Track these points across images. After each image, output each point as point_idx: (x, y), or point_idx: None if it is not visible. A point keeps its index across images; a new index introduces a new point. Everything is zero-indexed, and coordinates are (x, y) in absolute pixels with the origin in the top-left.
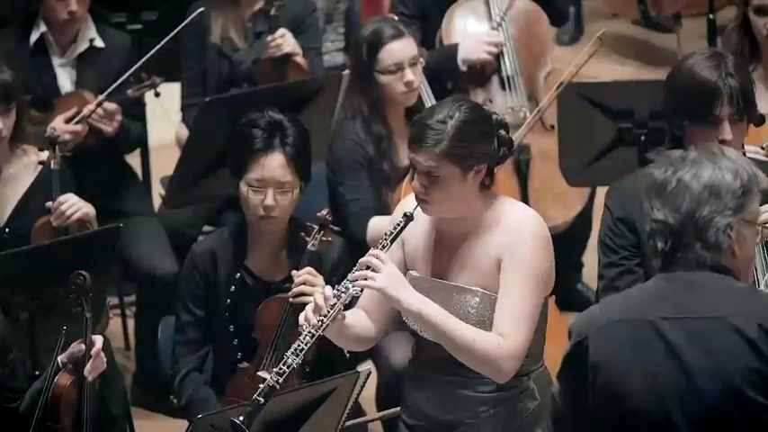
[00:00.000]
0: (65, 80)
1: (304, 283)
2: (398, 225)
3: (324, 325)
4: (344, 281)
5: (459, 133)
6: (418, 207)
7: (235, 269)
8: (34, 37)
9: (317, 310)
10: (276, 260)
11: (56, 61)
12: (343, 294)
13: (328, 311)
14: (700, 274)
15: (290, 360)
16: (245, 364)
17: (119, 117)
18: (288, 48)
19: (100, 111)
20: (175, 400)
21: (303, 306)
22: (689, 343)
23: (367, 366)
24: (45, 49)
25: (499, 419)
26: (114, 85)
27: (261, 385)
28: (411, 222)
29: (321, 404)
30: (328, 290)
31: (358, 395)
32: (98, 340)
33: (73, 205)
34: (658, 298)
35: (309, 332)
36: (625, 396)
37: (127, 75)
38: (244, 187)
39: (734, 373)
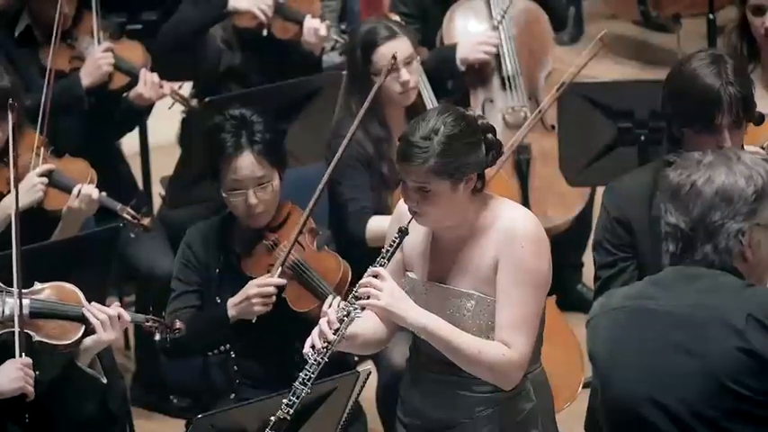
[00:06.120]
0: None
1: None
2: (394, 241)
3: (329, 351)
4: (346, 302)
5: (446, 148)
6: (413, 219)
7: (222, 251)
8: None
9: (321, 335)
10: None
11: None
12: (345, 318)
13: (333, 337)
14: (702, 269)
15: (299, 391)
16: (270, 237)
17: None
18: None
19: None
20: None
21: None
22: (678, 332)
23: (367, 366)
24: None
25: (495, 420)
26: None
27: (272, 418)
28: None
29: (321, 404)
30: (332, 313)
31: (358, 395)
32: None
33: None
34: (658, 287)
35: (316, 360)
36: (612, 378)
37: None
38: (224, 192)
39: (717, 363)
